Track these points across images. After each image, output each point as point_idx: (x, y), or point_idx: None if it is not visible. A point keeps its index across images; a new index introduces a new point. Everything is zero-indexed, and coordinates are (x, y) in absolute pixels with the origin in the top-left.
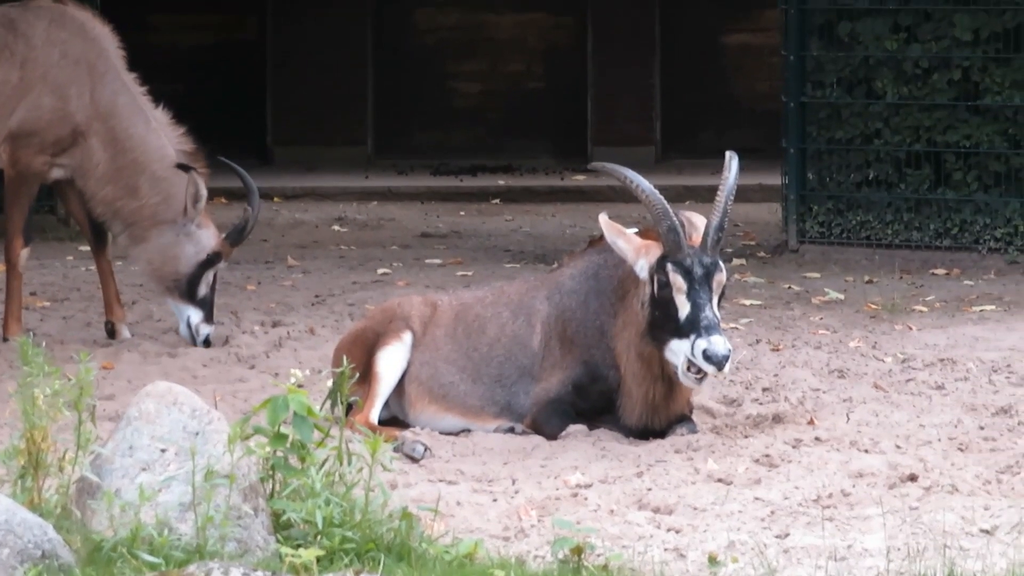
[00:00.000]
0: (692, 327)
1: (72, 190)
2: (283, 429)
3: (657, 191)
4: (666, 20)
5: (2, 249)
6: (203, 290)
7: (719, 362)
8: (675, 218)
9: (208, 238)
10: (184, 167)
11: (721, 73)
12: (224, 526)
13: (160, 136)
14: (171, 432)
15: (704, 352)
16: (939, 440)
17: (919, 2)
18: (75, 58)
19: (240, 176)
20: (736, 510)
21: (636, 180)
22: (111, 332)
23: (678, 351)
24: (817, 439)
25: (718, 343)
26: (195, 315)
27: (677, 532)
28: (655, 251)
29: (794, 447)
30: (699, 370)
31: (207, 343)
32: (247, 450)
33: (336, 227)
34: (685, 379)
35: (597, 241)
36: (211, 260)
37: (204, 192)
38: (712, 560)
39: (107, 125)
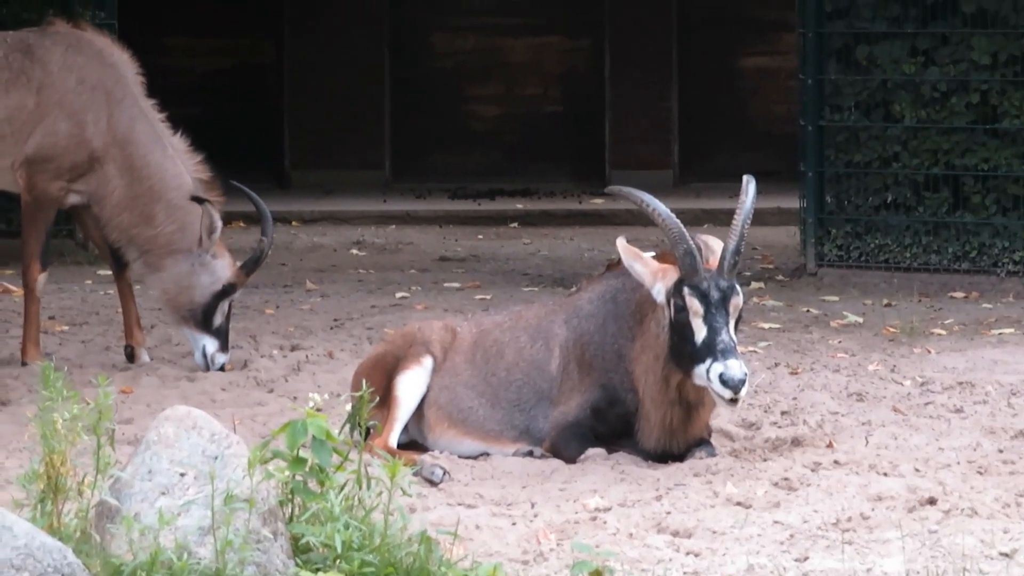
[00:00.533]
0: (708, 351)
1: (89, 215)
2: (302, 453)
3: (674, 215)
4: (683, 43)
5: (20, 274)
6: (218, 319)
7: (735, 386)
8: (692, 242)
9: (223, 268)
10: (198, 199)
11: (739, 96)
12: (243, 550)
13: (177, 164)
14: (190, 456)
15: (720, 376)
16: (958, 463)
17: (937, 26)
18: (92, 84)
19: (254, 203)
20: (755, 533)
21: (652, 204)
22: (130, 356)
23: (700, 375)
24: (836, 462)
25: (734, 367)
26: (210, 344)
27: (696, 556)
28: (672, 275)
29: (813, 470)
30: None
31: (222, 371)
32: (266, 474)
33: (354, 251)
34: (719, 400)
35: (615, 265)
36: (227, 290)
37: (219, 224)
38: None
39: (124, 152)
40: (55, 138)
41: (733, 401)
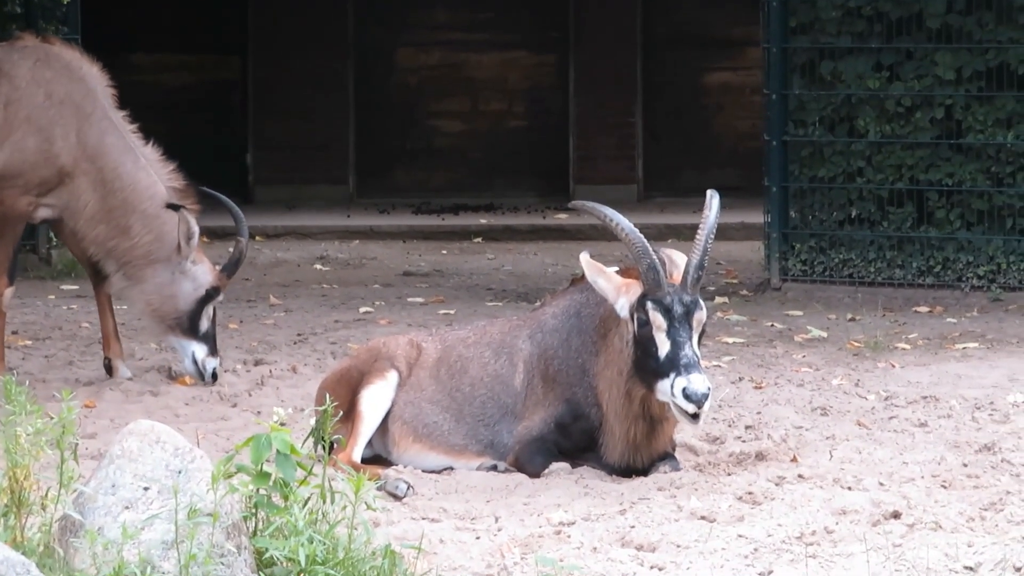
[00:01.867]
0: (672, 365)
1: (67, 228)
2: (266, 467)
3: (637, 229)
4: (648, 59)
5: None
6: (205, 325)
7: (698, 400)
8: (655, 256)
9: (204, 273)
10: (173, 206)
11: (703, 112)
12: (207, 564)
13: (150, 174)
14: (154, 470)
15: (684, 391)
16: (922, 477)
17: (901, 41)
18: (60, 98)
19: (226, 206)
20: (719, 547)
21: (616, 219)
22: (109, 369)
23: (665, 392)
24: (800, 476)
25: (698, 381)
26: (200, 350)
27: (660, 570)
28: (636, 290)
29: (777, 485)
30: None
31: (215, 376)
32: (230, 488)
33: (318, 266)
34: (680, 416)
35: (579, 280)
36: (210, 295)
37: (196, 229)
38: None
39: (95, 165)
40: (23, 154)
41: (695, 417)
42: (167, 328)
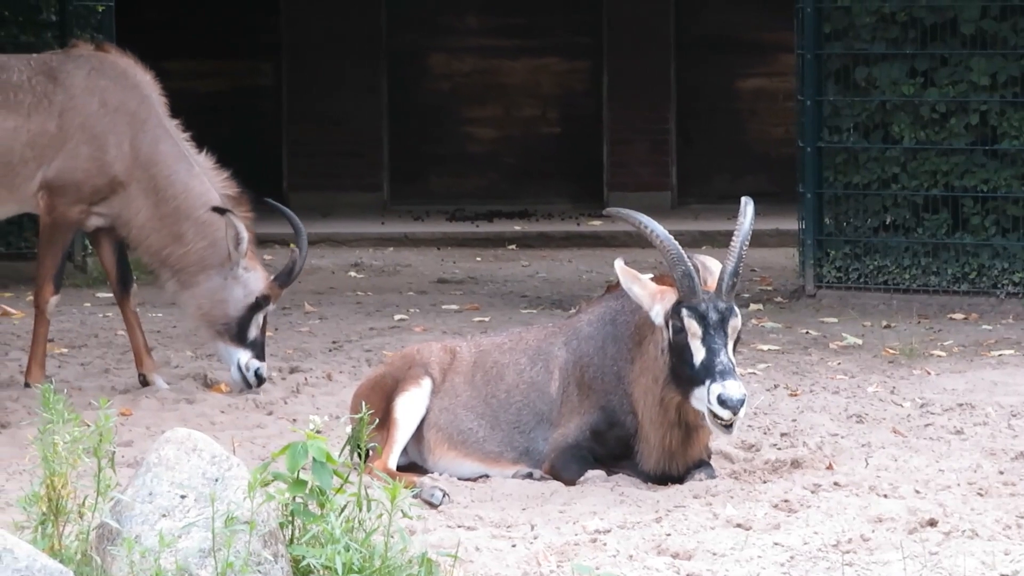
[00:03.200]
0: (707, 372)
1: (105, 237)
2: (302, 475)
3: (671, 236)
4: (681, 65)
5: (18, 296)
6: (254, 332)
7: (734, 407)
8: (689, 263)
9: (256, 281)
10: (219, 210)
11: (737, 118)
12: (244, 572)
13: (204, 181)
14: (191, 478)
15: (719, 397)
16: (958, 485)
17: (936, 47)
18: (114, 107)
19: (287, 217)
20: (755, 555)
21: (650, 225)
22: (144, 384)
23: (700, 399)
24: (836, 484)
25: (733, 388)
26: (244, 356)
27: None
28: (670, 297)
29: (813, 492)
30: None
31: (258, 376)
32: (267, 496)
33: (353, 273)
34: (714, 426)
35: (614, 287)
36: (260, 303)
37: (244, 234)
38: None
39: (148, 173)
40: (76, 162)
41: (727, 428)
42: (216, 334)
